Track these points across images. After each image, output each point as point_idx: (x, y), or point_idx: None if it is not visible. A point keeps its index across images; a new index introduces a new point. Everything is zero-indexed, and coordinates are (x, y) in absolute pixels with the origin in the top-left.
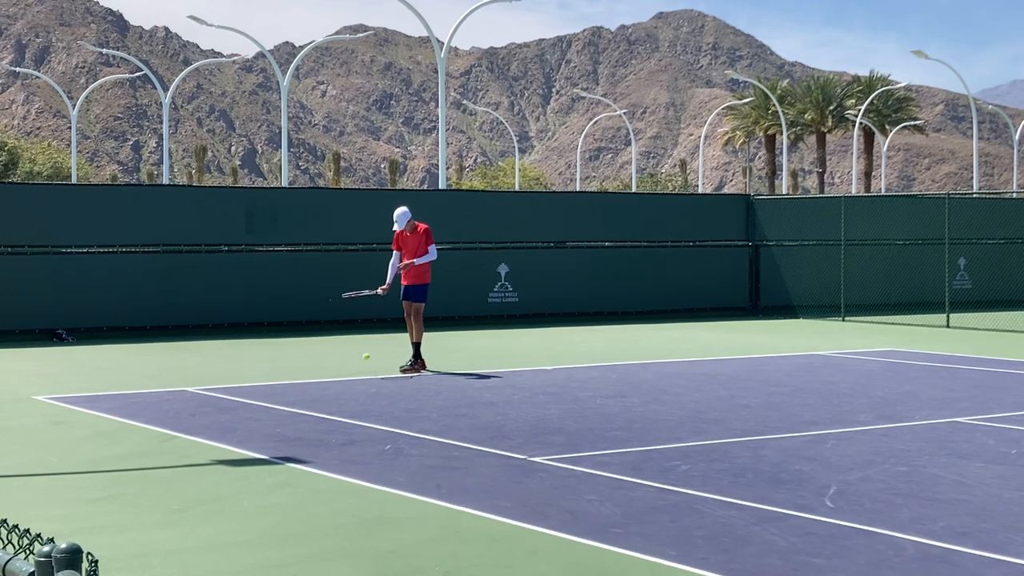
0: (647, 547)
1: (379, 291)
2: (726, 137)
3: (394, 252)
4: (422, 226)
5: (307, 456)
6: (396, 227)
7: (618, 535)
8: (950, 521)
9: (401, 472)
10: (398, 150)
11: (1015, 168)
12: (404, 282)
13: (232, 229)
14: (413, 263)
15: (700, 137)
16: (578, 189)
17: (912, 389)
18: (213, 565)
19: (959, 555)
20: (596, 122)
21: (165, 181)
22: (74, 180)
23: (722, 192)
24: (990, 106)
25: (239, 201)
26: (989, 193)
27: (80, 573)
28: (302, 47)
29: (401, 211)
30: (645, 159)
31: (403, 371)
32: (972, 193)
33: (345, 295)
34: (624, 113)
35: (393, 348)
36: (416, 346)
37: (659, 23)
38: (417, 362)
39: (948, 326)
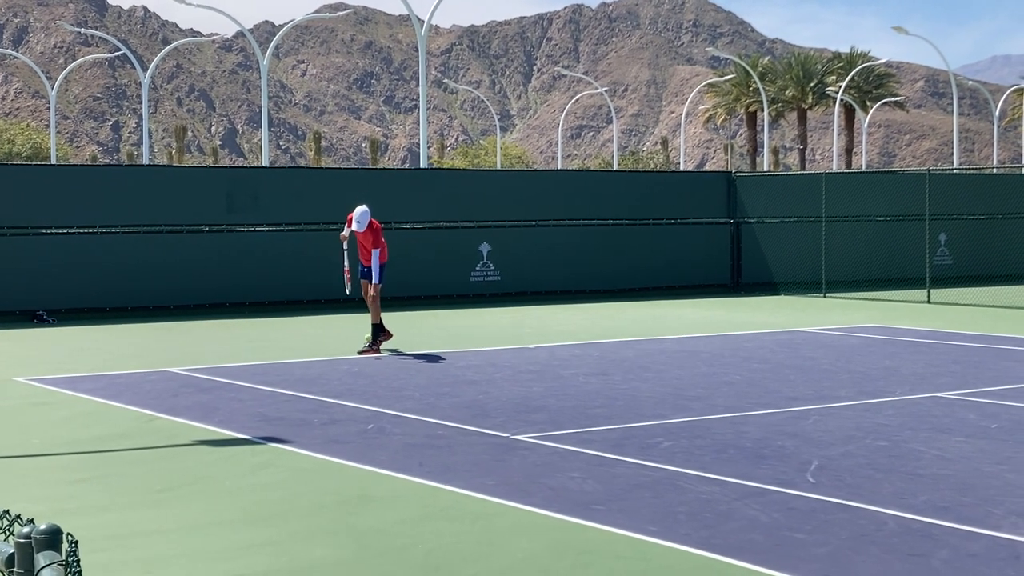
0: (629, 523)
1: (344, 245)
2: (707, 114)
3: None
4: (376, 224)
5: (290, 436)
6: (356, 228)
7: (600, 512)
8: (931, 495)
9: (384, 451)
10: (379, 129)
11: (995, 144)
12: (361, 262)
13: (213, 209)
14: (371, 272)
15: (681, 115)
16: (560, 167)
17: (893, 365)
18: (196, 545)
19: (940, 529)
20: (577, 100)
21: (145, 161)
22: (53, 161)
23: (703, 169)
24: (970, 82)
25: (219, 181)
26: (969, 169)
27: (60, 554)
28: (282, 26)
29: (362, 211)
30: (627, 137)
31: (359, 352)
32: (952, 169)
33: (348, 287)
34: (605, 91)
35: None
36: (374, 327)
37: (640, 0)
38: (374, 344)
39: (929, 302)
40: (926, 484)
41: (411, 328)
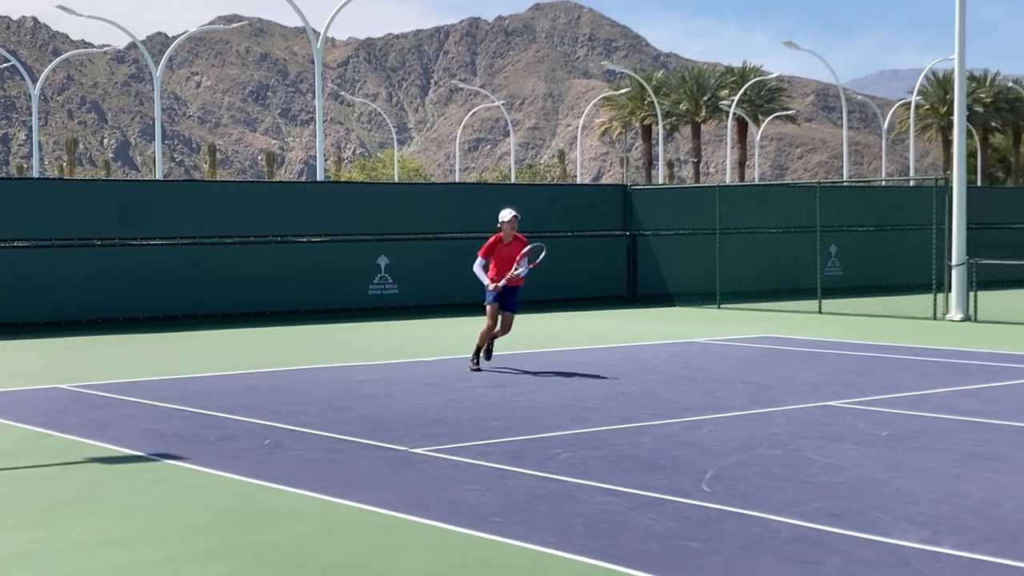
0: (528, 535)
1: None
2: (603, 128)
3: (480, 259)
4: (523, 239)
5: (184, 452)
6: (510, 221)
7: (499, 524)
8: (823, 503)
9: (281, 466)
10: (275, 142)
11: (883, 156)
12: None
13: (105, 223)
14: (518, 274)
15: (578, 128)
16: (457, 180)
17: (786, 374)
18: (87, 565)
19: (832, 536)
20: (475, 113)
21: (35, 174)
22: None
23: (600, 182)
24: (859, 96)
25: (112, 194)
26: (859, 181)
27: None
28: (175, 37)
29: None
30: (524, 150)
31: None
32: (843, 182)
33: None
34: (502, 104)
35: (267, 341)
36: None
37: (536, 14)
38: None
39: (820, 312)
40: (818, 492)
41: (308, 342)
